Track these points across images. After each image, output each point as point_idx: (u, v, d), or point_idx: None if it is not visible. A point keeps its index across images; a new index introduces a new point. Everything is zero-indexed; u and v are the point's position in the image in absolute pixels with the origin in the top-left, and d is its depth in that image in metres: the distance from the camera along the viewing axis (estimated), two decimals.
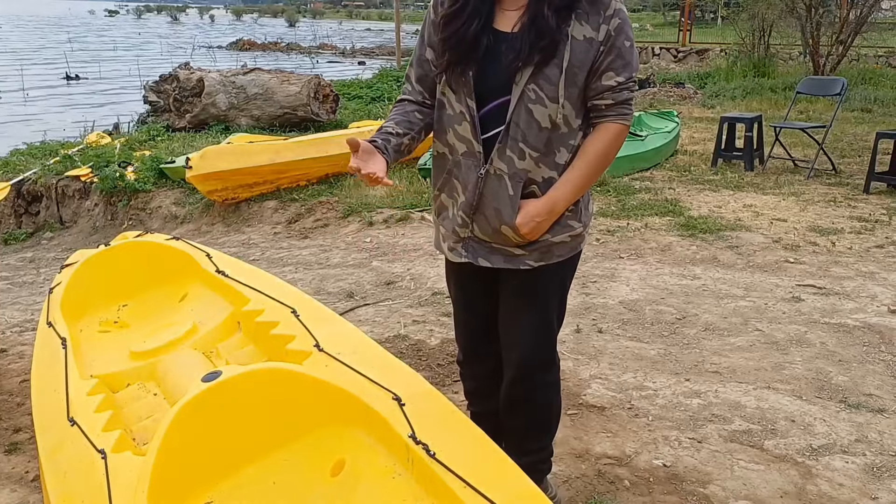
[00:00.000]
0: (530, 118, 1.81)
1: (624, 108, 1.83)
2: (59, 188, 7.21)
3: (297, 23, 75.44)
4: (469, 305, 2.17)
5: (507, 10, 1.83)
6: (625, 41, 1.78)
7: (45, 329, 2.80)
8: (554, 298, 2.03)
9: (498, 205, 1.88)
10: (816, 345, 3.42)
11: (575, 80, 1.78)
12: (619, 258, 4.70)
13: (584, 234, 2.00)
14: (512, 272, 1.97)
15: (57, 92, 19.76)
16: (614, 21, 1.76)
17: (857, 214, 5.50)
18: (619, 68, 1.79)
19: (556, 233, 1.93)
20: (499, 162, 1.86)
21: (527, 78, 1.77)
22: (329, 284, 4.53)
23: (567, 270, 2.03)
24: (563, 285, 2.05)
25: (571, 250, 1.99)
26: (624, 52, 1.78)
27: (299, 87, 9.64)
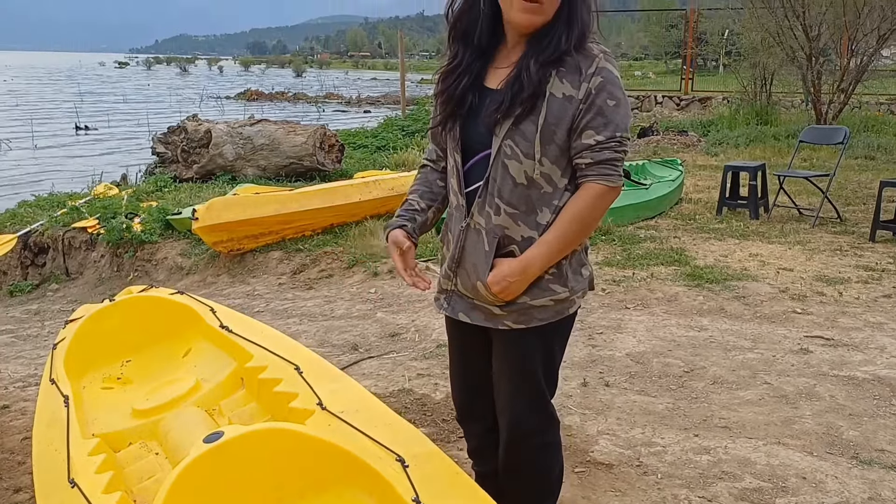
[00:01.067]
0: (506, 173, 1.81)
1: (605, 167, 1.78)
2: (66, 240, 7.24)
3: (304, 73, 76.61)
4: (464, 361, 2.15)
5: (498, 69, 1.87)
6: (607, 100, 1.75)
7: (48, 386, 2.79)
8: (537, 363, 1.96)
9: (475, 260, 1.88)
10: (826, 398, 3.38)
11: (553, 137, 1.78)
12: (626, 308, 4.68)
13: (572, 300, 1.92)
14: (498, 333, 1.95)
15: (67, 143, 19.99)
16: (596, 79, 1.75)
17: (863, 263, 5.48)
18: (598, 127, 1.76)
19: (535, 296, 1.87)
20: (478, 216, 1.87)
21: (504, 133, 1.79)
22: (333, 336, 4.51)
23: (553, 336, 1.95)
24: (550, 350, 1.97)
25: (556, 314, 1.91)
26: (605, 110, 1.75)
27: (305, 137, 9.73)
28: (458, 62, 1.88)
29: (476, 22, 1.85)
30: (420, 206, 2.04)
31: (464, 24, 1.87)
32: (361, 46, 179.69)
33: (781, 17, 12.12)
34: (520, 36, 1.83)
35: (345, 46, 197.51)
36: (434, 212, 2.06)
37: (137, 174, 10.67)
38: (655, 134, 13.38)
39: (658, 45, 50.62)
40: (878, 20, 11.37)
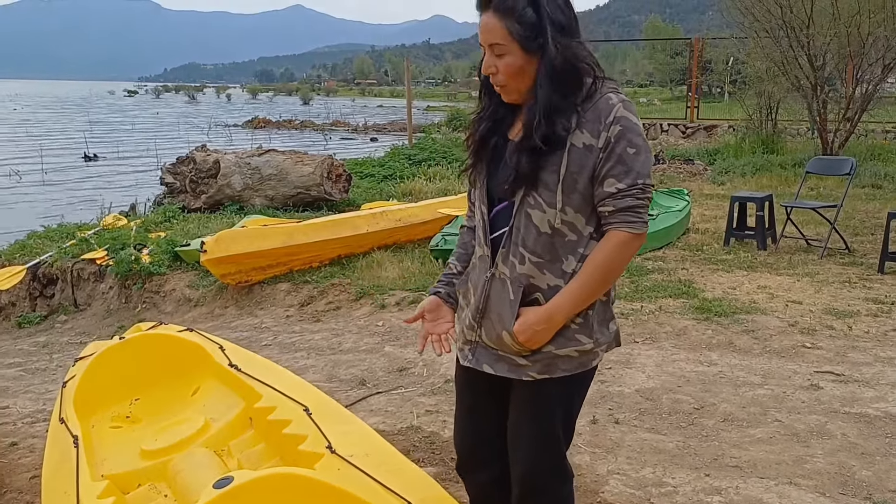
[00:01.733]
0: (529, 222, 1.83)
1: (628, 215, 1.79)
2: (75, 271, 7.28)
3: (311, 100, 77.22)
4: (474, 406, 2.11)
5: (520, 121, 1.89)
6: (627, 148, 1.76)
7: (58, 426, 2.79)
8: (558, 414, 1.94)
9: (500, 310, 1.88)
10: (838, 436, 3.35)
11: (575, 186, 1.79)
12: (635, 342, 4.67)
13: (596, 352, 1.91)
14: (519, 384, 1.92)
15: (75, 172, 20.14)
16: (615, 128, 1.76)
17: (872, 296, 5.46)
18: (619, 175, 1.77)
19: (560, 345, 1.86)
20: (503, 266, 1.87)
21: (525, 184, 1.82)
22: (341, 371, 4.50)
23: (575, 386, 1.95)
24: (571, 401, 1.97)
25: (580, 366, 1.90)
26: (626, 158, 1.77)
27: (312, 167, 9.79)
28: (482, 110, 1.95)
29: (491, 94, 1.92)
30: (457, 269, 2.09)
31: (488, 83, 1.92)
32: (368, 74, 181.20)
33: (786, 46, 12.19)
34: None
35: (351, 74, 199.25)
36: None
37: (146, 204, 10.73)
38: (661, 162, 13.41)
39: (663, 71, 51.03)
40: (883, 50, 11.42)
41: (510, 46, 1.78)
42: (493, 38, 1.79)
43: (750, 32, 13.40)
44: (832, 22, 11.54)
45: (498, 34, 1.78)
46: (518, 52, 1.78)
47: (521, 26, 1.76)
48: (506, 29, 1.77)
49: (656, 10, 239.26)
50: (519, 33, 1.77)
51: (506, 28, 1.77)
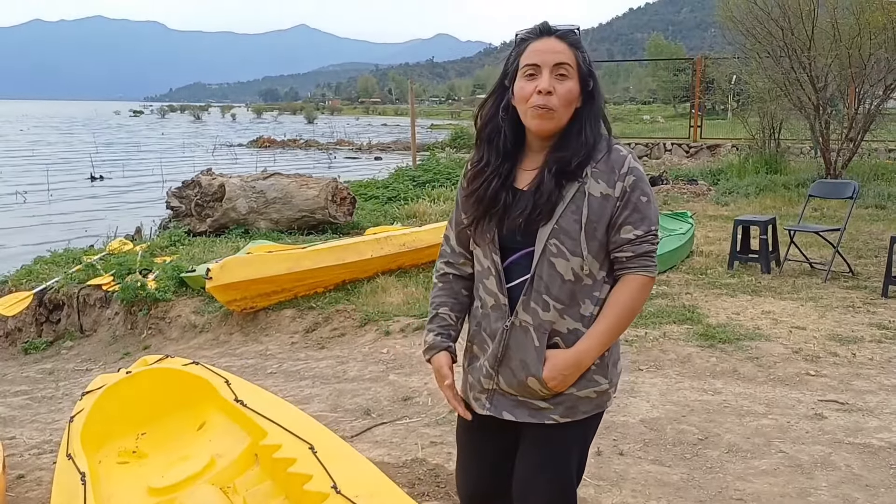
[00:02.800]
0: (553, 271, 1.86)
1: (645, 259, 1.89)
2: (81, 297, 7.31)
3: (316, 119, 77.58)
4: (479, 452, 2.13)
5: (525, 170, 1.94)
6: (641, 196, 1.87)
7: (65, 461, 2.81)
8: (575, 455, 2.00)
9: (524, 357, 1.91)
10: (842, 468, 3.35)
11: (595, 234, 1.86)
12: (639, 370, 4.67)
13: (609, 393, 1.98)
14: (536, 428, 1.95)
15: (81, 193, 20.24)
16: (629, 178, 1.86)
17: (876, 321, 5.46)
18: (636, 222, 1.87)
19: (581, 387, 1.92)
20: (524, 314, 1.89)
21: (548, 233, 1.85)
22: (346, 400, 4.51)
23: (590, 428, 2.01)
24: (586, 442, 2.03)
25: (596, 407, 1.97)
26: (640, 206, 1.87)
27: (317, 190, 9.85)
28: (484, 164, 1.95)
29: (499, 128, 1.93)
30: (452, 319, 2.08)
31: (489, 129, 1.95)
32: (372, 92, 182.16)
33: (787, 67, 12.24)
34: (541, 140, 1.91)
35: (356, 92, 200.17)
36: (462, 323, 2.10)
37: (152, 228, 10.78)
38: (665, 183, 13.45)
39: (666, 89, 51.22)
40: (884, 71, 11.46)
41: (574, 73, 1.86)
42: (562, 58, 1.84)
43: (752, 53, 13.46)
44: (833, 43, 11.61)
45: (568, 56, 1.85)
46: (577, 83, 1.86)
47: (583, 63, 1.87)
48: (574, 56, 1.86)
49: (658, 28, 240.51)
50: (583, 66, 1.87)
51: (574, 55, 1.86)
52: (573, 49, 1.86)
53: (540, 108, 1.83)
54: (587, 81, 1.87)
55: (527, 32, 1.90)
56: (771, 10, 12.33)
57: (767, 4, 12.41)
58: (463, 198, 2.02)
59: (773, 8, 12.32)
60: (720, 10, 14.23)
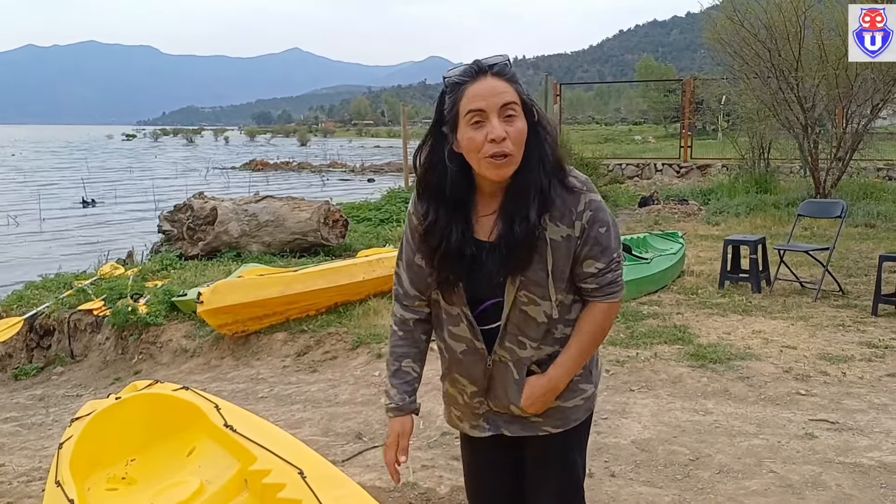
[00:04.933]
0: (526, 317, 1.88)
1: (610, 287, 1.90)
2: (72, 322, 7.29)
3: (309, 142, 77.78)
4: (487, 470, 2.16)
5: (482, 217, 1.87)
6: (600, 229, 1.85)
7: (54, 489, 2.79)
8: (576, 458, 2.07)
9: (506, 387, 1.96)
10: (832, 487, 3.36)
11: (562, 276, 1.87)
12: (630, 391, 4.68)
13: (595, 394, 2.05)
14: (535, 440, 2.01)
15: (73, 218, 20.22)
16: (587, 214, 1.83)
17: (866, 340, 5.48)
18: (598, 255, 1.86)
19: (567, 398, 1.97)
20: (501, 351, 1.92)
21: (516, 286, 1.84)
22: (337, 424, 4.50)
23: (583, 432, 2.07)
24: (582, 443, 2.09)
25: (586, 411, 2.04)
26: (601, 239, 1.85)
27: (309, 213, 9.86)
28: (434, 219, 1.86)
29: (445, 177, 1.82)
30: (416, 372, 2.04)
31: (433, 179, 1.85)
32: (365, 115, 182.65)
33: (776, 88, 12.37)
34: (494, 182, 1.82)
35: (348, 115, 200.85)
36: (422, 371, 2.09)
37: (143, 252, 10.77)
38: (656, 203, 13.53)
39: (657, 109, 51.55)
40: (871, 90, 11.59)
41: (520, 111, 1.76)
42: (508, 97, 1.73)
43: (740, 74, 13.59)
44: (820, 64, 11.74)
45: (512, 94, 1.74)
46: (523, 120, 1.76)
47: (525, 97, 1.78)
48: (516, 91, 1.75)
49: (649, 50, 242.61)
50: (526, 100, 1.77)
51: (516, 90, 1.75)
52: (513, 84, 1.75)
53: (497, 158, 1.73)
54: (532, 114, 1.79)
55: (459, 75, 1.77)
56: (758, 31, 12.47)
57: (754, 26, 12.55)
58: (422, 253, 1.93)
59: (759, 30, 12.46)
60: (708, 32, 14.38)
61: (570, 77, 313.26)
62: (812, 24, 11.91)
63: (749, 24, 12.62)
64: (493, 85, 1.73)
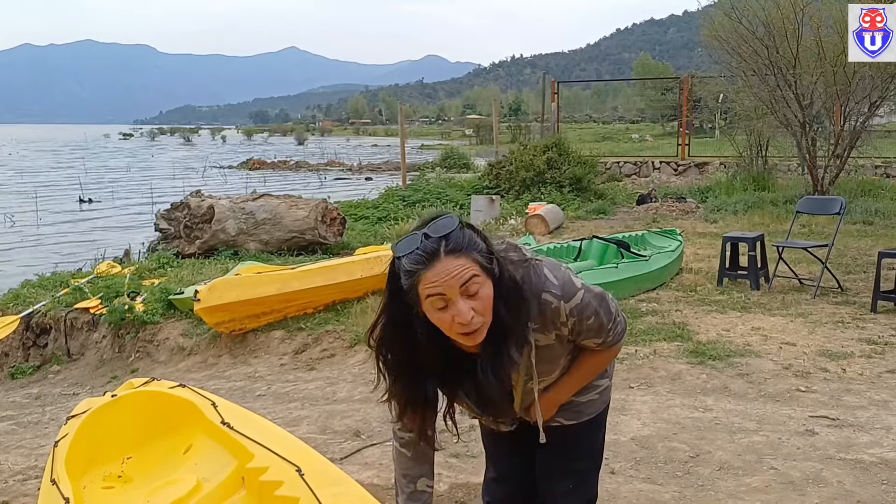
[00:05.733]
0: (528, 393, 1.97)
1: (613, 341, 1.96)
2: (68, 320, 7.26)
3: (306, 141, 77.72)
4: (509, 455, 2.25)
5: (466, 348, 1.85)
6: (587, 321, 1.86)
7: (49, 487, 2.77)
8: (590, 452, 2.16)
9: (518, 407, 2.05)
10: (833, 484, 3.34)
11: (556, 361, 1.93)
12: (630, 388, 4.66)
13: (610, 385, 2.14)
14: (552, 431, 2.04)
15: (70, 217, 20.18)
16: (571, 320, 1.84)
17: (865, 336, 5.47)
18: (594, 336, 1.91)
19: (582, 393, 2.05)
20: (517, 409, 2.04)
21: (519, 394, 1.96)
22: (335, 422, 4.48)
23: (598, 425, 2.15)
24: (595, 438, 2.17)
25: (602, 405, 2.12)
26: (592, 326, 1.88)
27: (307, 211, 9.84)
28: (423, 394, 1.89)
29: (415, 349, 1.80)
30: (430, 488, 2.09)
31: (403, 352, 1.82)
32: (362, 114, 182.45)
33: (773, 85, 12.35)
34: None
35: (346, 114, 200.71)
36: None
37: (140, 251, 10.74)
38: (654, 201, 13.51)
39: (654, 108, 51.56)
40: (869, 88, 11.58)
41: (483, 277, 1.68)
42: (466, 273, 1.65)
43: (738, 72, 13.58)
44: (818, 62, 11.72)
45: (470, 267, 1.66)
46: (488, 282, 1.70)
47: (482, 256, 1.69)
48: (475, 262, 1.67)
49: (646, 48, 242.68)
50: (484, 263, 1.69)
51: (475, 261, 1.67)
52: (468, 254, 1.66)
53: (468, 334, 1.70)
54: (493, 272, 1.71)
55: (412, 262, 1.65)
56: (756, 29, 12.46)
57: (752, 24, 12.53)
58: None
59: (757, 27, 12.45)
60: (705, 29, 14.36)
61: (568, 75, 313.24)
62: (810, 21, 11.89)
63: (747, 22, 12.60)
64: (447, 267, 1.64)
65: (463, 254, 1.66)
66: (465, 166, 24.61)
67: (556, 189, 13.84)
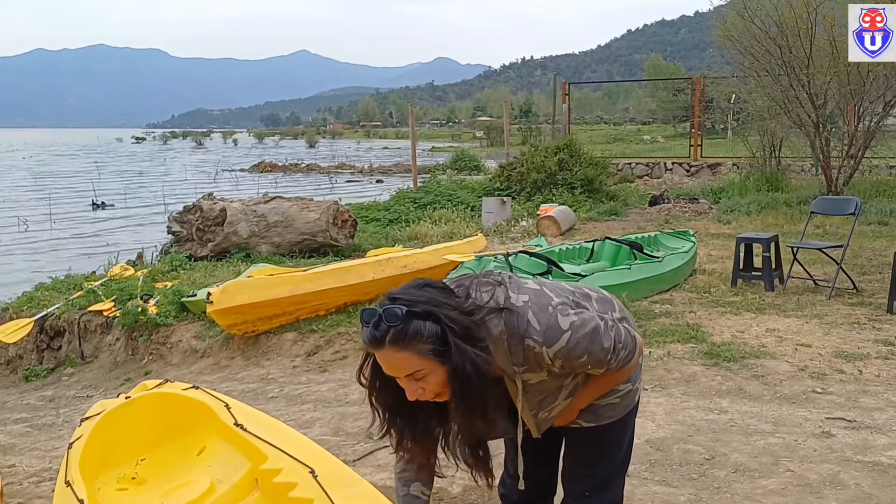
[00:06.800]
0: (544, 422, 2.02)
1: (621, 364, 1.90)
2: (82, 323, 7.28)
3: (317, 143, 77.93)
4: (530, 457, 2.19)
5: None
6: (579, 357, 1.80)
7: (64, 489, 2.77)
8: (606, 456, 2.12)
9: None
10: (851, 486, 3.30)
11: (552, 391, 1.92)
12: (644, 390, 4.60)
13: (634, 389, 2.08)
14: (571, 432, 2.07)
15: (84, 220, 20.28)
16: (557, 362, 1.79)
17: (882, 337, 5.42)
18: (593, 367, 1.87)
19: (602, 397, 2.02)
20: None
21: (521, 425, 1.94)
22: (348, 424, 4.47)
23: (621, 428, 2.11)
24: (616, 442, 2.13)
25: (624, 409, 2.07)
26: (586, 361, 1.83)
27: (318, 213, 9.85)
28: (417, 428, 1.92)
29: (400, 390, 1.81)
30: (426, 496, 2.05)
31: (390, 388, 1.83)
32: (373, 116, 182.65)
33: (786, 85, 12.28)
34: None
35: (356, 116, 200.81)
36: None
37: (153, 253, 10.78)
38: (666, 202, 13.46)
39: (666, 109, 51.37)
40: (883, 87, 11.49)
41: (429, 367, 1.71)
42: (408, 369, 1.70)
43: (750, 72, 13.51)
44: (832, 61, 11.64)
45: (412, 364, 1.70)
46: (439, 368, 1.71)
47: (431, 345, 1.69)
48: (418, 355, 1.69)
49: (657, 49, 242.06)
50: (433, 351, 1.69)
51: (418, 354, 1.69)
52: (411, 348, 1.68)
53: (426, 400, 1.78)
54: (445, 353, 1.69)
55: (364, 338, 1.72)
56: (769, 28, 12.39)
57: (765, 23, 12.47)
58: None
59: (770, 27, 12.38)
60: (718, 29, 14.29)
61: (578, 77, 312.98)
62: (823, 20, 11.82)
63: (759, 21, 12.54)
64: (391, 359, 1.70)
65: (405, 347, 1.67)
66: (476, 168, 24.61)
67: (567, 190, 13.82)
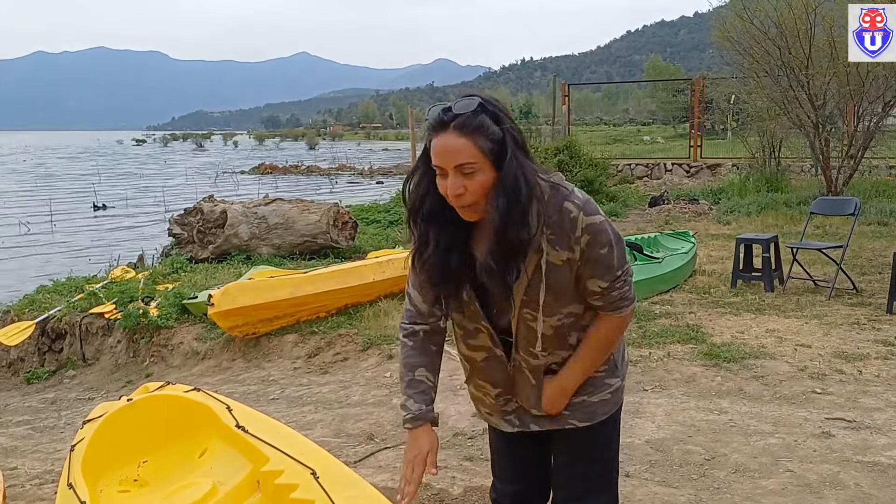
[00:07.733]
0: (530, 332, 1.91)
1: (618, 303, 1.90)
2: (83, 325, 7.29)
3: (317, 145, 77.96)
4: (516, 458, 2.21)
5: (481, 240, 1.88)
6: (600, 250, 1.82)
7: (66, 491, 2.78)
8: (605, 454, 2.09)
9: (527, 392, 2.01)
10: (851, 486, 3.31)
11: (563, 294, 1.87)
12: (644, 391, 4.64)
13: (622, 386, 2.07)
14: (564, 434, 2.03)
15: (84, 222, 20.29)
16: (584, 238, 1.79)
17: (881, 338, 5.43)
18: (600, 274, 1.85)
19: (592, 393, 2.00)
20: (519, 358, 1.96)
21: (518, 304, 1.87)
22: (349, 425, 4.48)
23: (612, 426, 2.08)
24: (610, 440, 2.10)
25: (614, 405, 2.05)
26: (602, 259, 1.83)
27: (319, 215, 9.87)
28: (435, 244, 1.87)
29: (440, 205, 1.83)
30: (431, 381, 2.02)
31: (427, 206, 1.85)
32: (373, 118, 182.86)
33: (786, 86, 12.29)
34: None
35: (357, 118, 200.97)
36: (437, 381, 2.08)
37: (154, 255, 10.79)
38: (666, 202, 13.48)
39: (665, 109, 51.40)
40: (883, 88, 11.50)
41: (482, 164, 1.74)
42: (462, 157, 1.72)
43: (750, 73, 13.52)
44: (831, 62, 11.65)
45: (468, 153, 1.72)
46: (489, 170, 1.75)
47: (491, 143, 1.73)
48: (477, 147, 1.73)
49: (657, 50, 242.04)
50: (491, 150, 1.74)
51: (477, 146, 1.73)
52: (474, 137, 1.72)
53: (458, 206, 1.78)
54: (501, 159, 1.74)
55: (430, 122, 1.77)
56: (768, 29, 12.41)
57: (764, 24, 12.48)
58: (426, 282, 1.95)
59: (770, 27, 12.39)
60: (717, 30, 14.31)
61: (578, 78, 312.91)
62: (822, 21, 11.83)
63: (759, 22, 12.56)
64: (449, 144, 1.73)
65: (467, 135, 1.72)
66: None
67: None
